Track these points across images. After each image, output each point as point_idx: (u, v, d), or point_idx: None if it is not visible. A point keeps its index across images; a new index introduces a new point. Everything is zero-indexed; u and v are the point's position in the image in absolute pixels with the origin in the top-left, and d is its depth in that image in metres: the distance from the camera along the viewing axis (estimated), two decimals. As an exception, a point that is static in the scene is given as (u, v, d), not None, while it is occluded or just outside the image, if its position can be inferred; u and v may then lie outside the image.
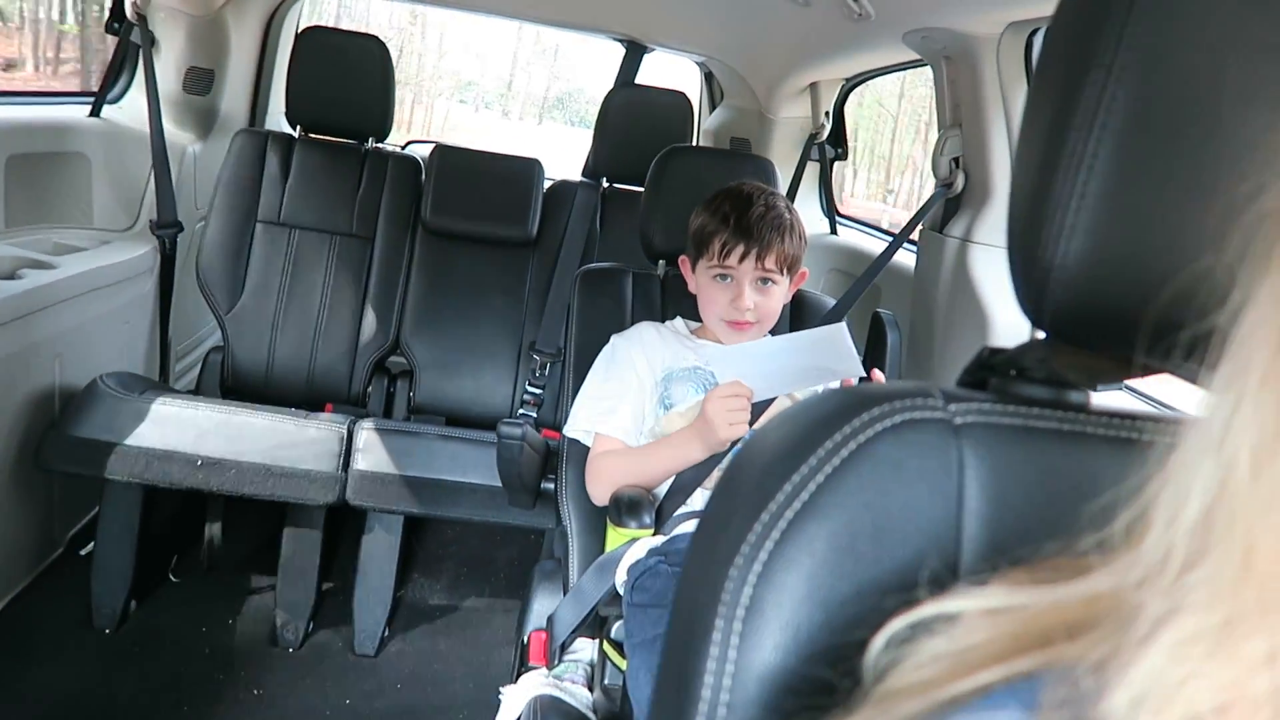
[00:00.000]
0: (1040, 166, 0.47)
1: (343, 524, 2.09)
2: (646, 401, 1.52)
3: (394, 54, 2.59)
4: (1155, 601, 0.30)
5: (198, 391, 2.41)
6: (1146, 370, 0.54)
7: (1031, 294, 0.49)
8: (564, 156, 2.73)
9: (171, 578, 2.16)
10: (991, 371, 0.56)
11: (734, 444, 1.37)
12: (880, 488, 0.46)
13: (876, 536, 0.46)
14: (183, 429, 1.90)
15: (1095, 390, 0.55)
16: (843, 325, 1.43)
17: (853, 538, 0.46)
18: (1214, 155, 0.44)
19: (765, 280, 1.48)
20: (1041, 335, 0.54)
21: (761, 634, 0.45)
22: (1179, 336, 0.38)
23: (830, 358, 1.33)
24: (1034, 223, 0.47)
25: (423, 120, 17.08)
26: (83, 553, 2.09)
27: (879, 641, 0.39)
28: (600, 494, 1.49)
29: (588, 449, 1.56)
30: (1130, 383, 1.42)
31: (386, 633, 2.08)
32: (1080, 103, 0.45)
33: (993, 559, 0.47)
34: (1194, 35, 0.43)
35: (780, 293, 1.50)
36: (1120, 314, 0.47)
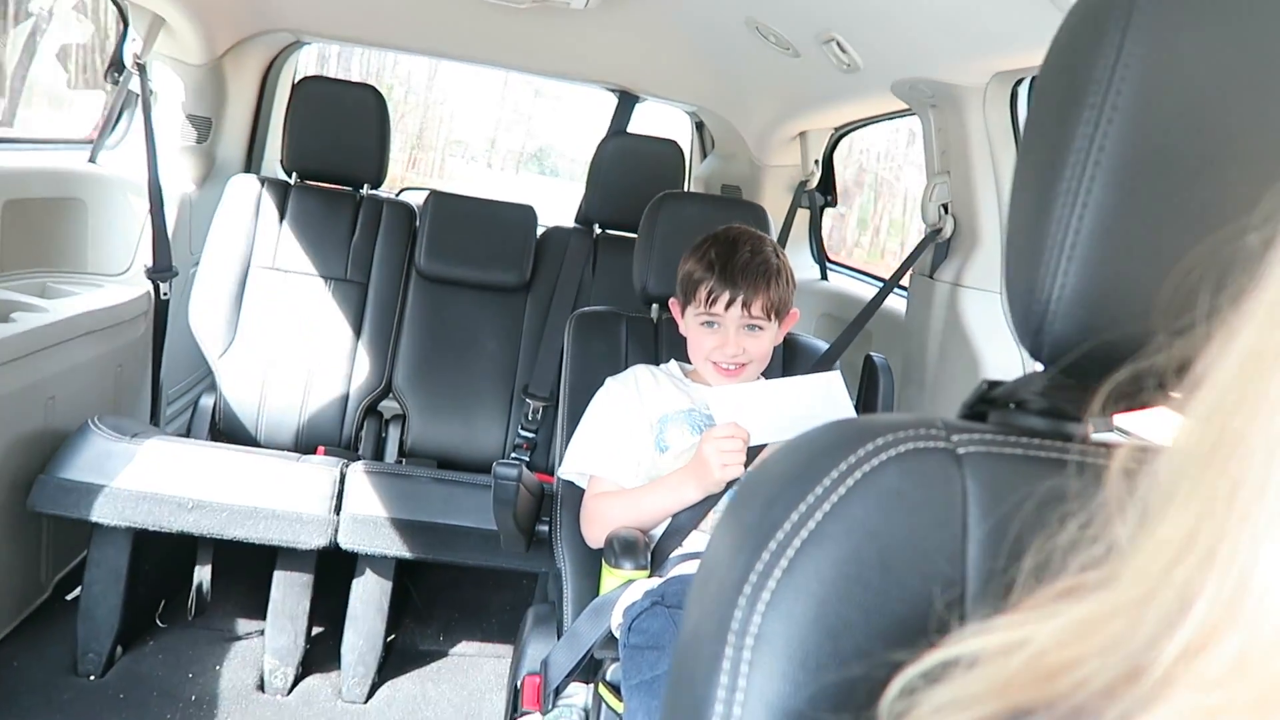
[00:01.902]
0: (1036, 203, 0.49)
1: (334, 568, 2.06)
2: (641, 444, 1.53)
3: (418, 116, 2.65)
4: (1169, 658, 0.29)
5: (189, 435, 2.40)
6: (1148, 403, 0.56)
7: (1030, 327, 0.50)
8: (537, 198, 2.80)
9: (159, 623, 2.13)
10: (991, 404, 0.57)
11: (729, 485, 1.37)
12: (885, 516, 0.47)
13: (883, 565, 0.47)
14: (173, 471, 1.89)
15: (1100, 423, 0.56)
16: (838, 374, 1.45)
17: (860, 566, 0.46)
18: (1205, 189, 0.45)
19: (752, 326, 1.50)
20: (1040, 368, 0.55)
21: (771, 663, 0.45)
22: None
23: (824, 405, 1.35)
24: (1031, 257, 0.49)
25: (425, 166, 21.04)
26: (69, 598, 2.06)
27: (893, 690, 0.39)
28: (595, 536, 1.49)
29: (582, 491, 1.56)
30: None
31: (376, 679, 2.05)
32: (1074, 141, 0.46)
33: (998, 586, 0.48)
34: (1183, 75, 0.45)
35: (769, 337, 1.52)
36: (1122, 345, 0.48)
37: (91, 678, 1.91)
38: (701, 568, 0.52)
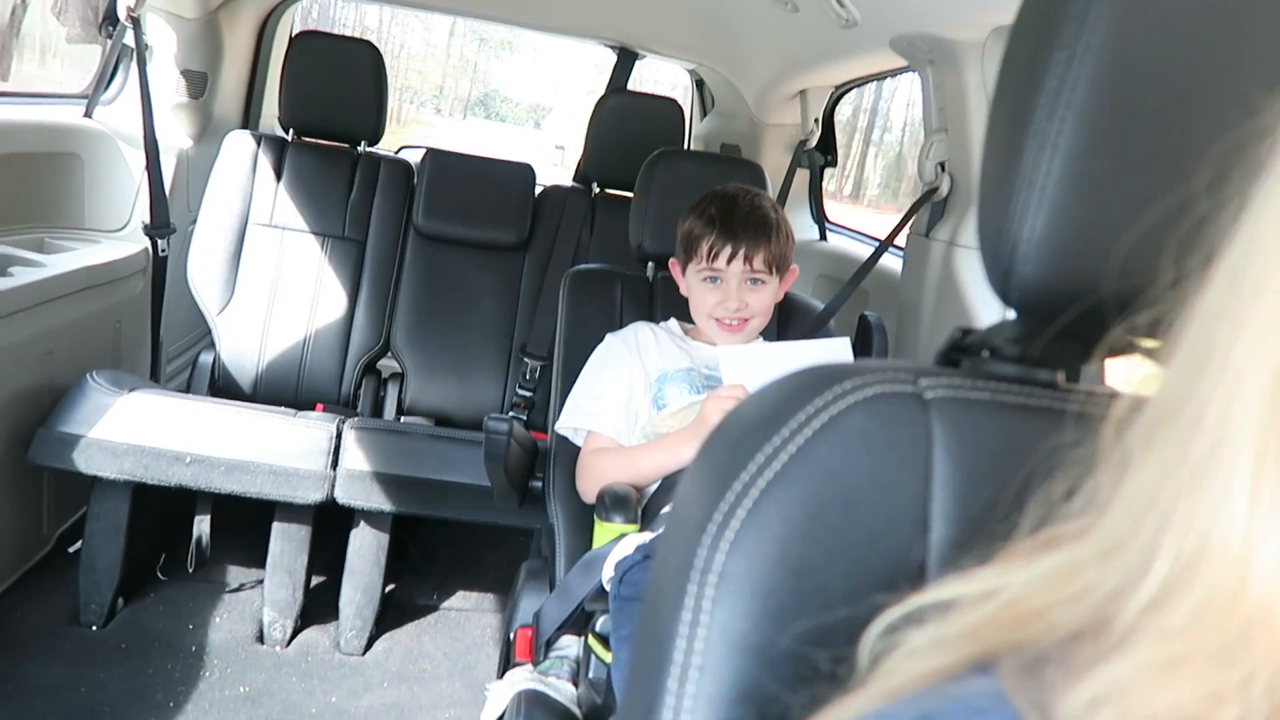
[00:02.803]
0: (1007, 146, 0.48)
1: (332, 522, 2.09)
2: (639, 401, 1.53)
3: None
4: (1133, 610, 0.30)
5: (188, 391, 2.42)
6: (1119, 350, 0.56)
7: (999, 270, 0.50)
8: (484, 143, 2.79)
9: (159, 575, 2.16)
10: (964, 351, 0.57)
11: None
12: (850, 458, 0.48)
13: (847, 506, 0.47)
14: (172, 426, 1.90)
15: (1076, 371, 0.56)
16: (847, 340, 1.45)
17: (823, 506, 0.47)
18: (1177, 134, 0.45)
19: (754, 280, 1.50)
20: (1012, 315, 0.55)
21: (733, 600, 0.46)
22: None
23: None
24: (1001, 200, 0.49)
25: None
26: (71, 550, 2.08)
27: (875, 629, 0.39)
28: (590, 491, 1.50)
29: (576, 447, 1.57)
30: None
31: (374, 631, 2.08)
32: (1045, 83, 0.46)
33: (963, 529, 0.48)
34: (1154, 18, 0.44)
35: (770, 291, 1.52)
36: (1086, 290, 0.48)
37: (93, 628, 1.94)
38: (671, 510, 0.53)
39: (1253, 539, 0.27)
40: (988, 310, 1.71)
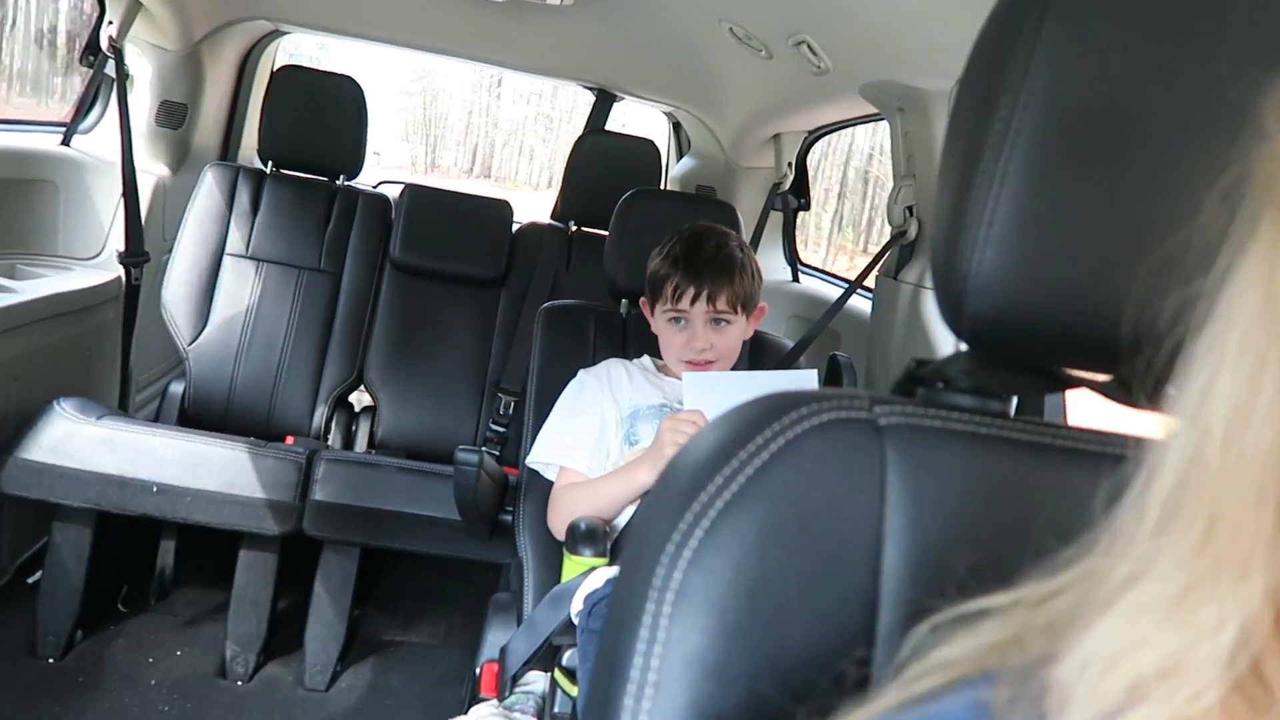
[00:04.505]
0: (958, 185, 0.51)
1: (298, 555, 2.07)
2: (612, 437, 1.54)
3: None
4: (1120, 567, 0.31)
5: (157, 421, 2.39)
6: (1065, 384, 0.58)
7: (951, 303, 0.52)
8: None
9: (120, 608, 2.12)
10: (919, 382, 0.59)
11: None
12: (805, 481, 0.49)
13: (802, 527, 0.48)
14: (139, 455, 1.89)
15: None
16: (814, 372, 1.47)
17: (779, 527, 0.48)
18: (1116, 173, 0.48)
19: (719, 320, 1.51)
20: (965, 347, 0.57)
21: (690, 618, 0.47)
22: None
23: None
24: (952, 236, 0.51)
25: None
26: (30, 580, 2.05)
27: (922, 628, 0.40)
28: (559, 527, 1.49)
29: (547, 482, 1.57)
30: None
31: (339, 667, 2.05)
32: (992, 124, 0.49)
33: (916, 550, 0.50)
34: (1094, 65, 0.47)
35: (737, 331, 1.54)
36: (1034, 323, 0.51)
37: (50, 660, 1.91)
38: (630, 531, 0.54)
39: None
40: (952, 348, 1.74)
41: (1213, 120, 0.45)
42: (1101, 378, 0.56)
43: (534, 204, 2.65)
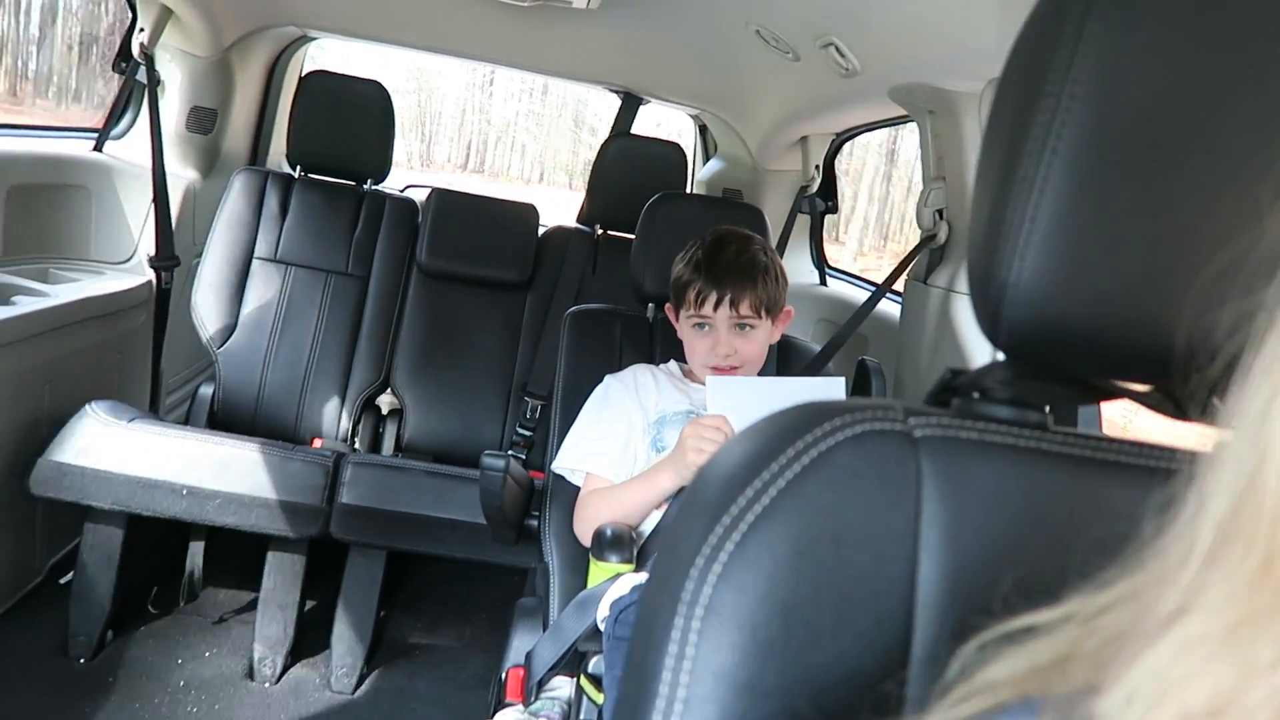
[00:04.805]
0: (996, 189, 0.49)
1: (326, 558, 2.08)
2: (638, 443, 1.53)
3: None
4: (1169, 596, 0.29)
5: (187, 423, 2.42)
6: (1106, 394, 0.56)
7: (989, 312, 0.51)
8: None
9: (150, 609, 2.14)
10: (954, 392, 0.57)
11: None
12: (838, 494, 0.48)
13: (835, 541, 0.47)
14: (169, 458, 1.90)
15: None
16: (842, 380, 1.45)
17: (812, 542, 0.47)
18: (1159, 179, 0.46)
19: (743, 325, 1.50)
20: (1002, 357, 0.56)
21: (720, 634, 0.46)
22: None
23: None
24: (990, 243, 0.49)
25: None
26: (62, 581, 2.07)
27: (970, 646, 0.39)
28: (585, 532, 1.48)
29: (573, 487, 1.57)
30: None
31: (364, 669, 2.06)
32: (1032, 129, 0.47)
33: (951, 567, 0.48)
34: (1139, 67, 0.46)
35: (762, 335, 1.52)
36: (1076, 333, 0.49)
37: (81, 661, 1.93)
38: (661, 543, 0.53)
39: None
40: (984, 355, 1.72)
41: (1269, 124, 0.43)
42: (1143, 388, 0.54)
43: (525, 197, 2.68)
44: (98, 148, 2.51)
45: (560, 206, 3.64)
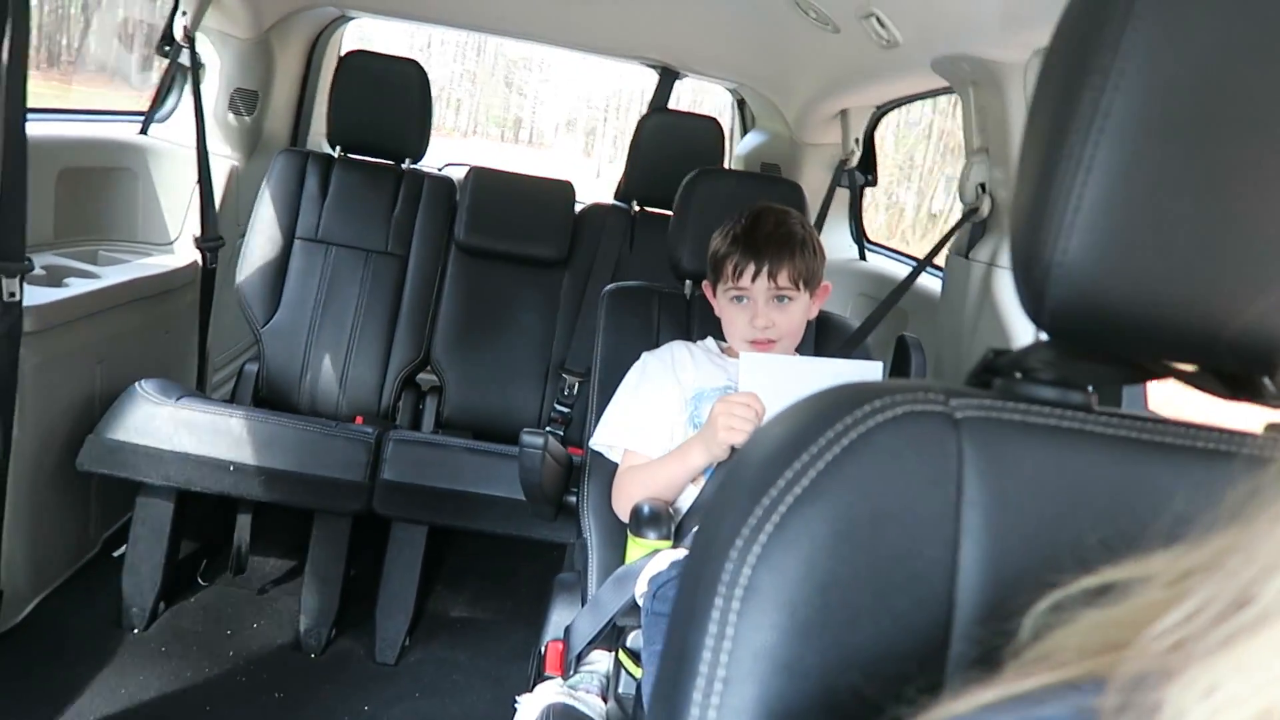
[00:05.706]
0: (1041, 167, 0.49)
1: (369, 533, 2.11)
2: (676, 420, 1.53)
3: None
4: (1255, 590, 0.28)
5: (233, 401, 2.47)
6: (1151, 374, 0.55)
7: (1032, 292, 0.50)
8: None
9: (200, 581, 2.20)
10: (996, 373, 0.57)
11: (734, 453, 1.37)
12: (879, 476, 0.48)
13: (875, 523, 0.47)
14: (216, 435, 1.95)
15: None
16: (880, 364, 1.44)
17: (851, 524, 0.47)
18: (1210, 157, 0.45)
19: (781, 297, 1.49)
20: (1044, 337, 0.55)
21: (759, 614, 0.46)
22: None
23: None
24: (1035, 222, 0.49)
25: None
26: (116, 554, 2.13)
27: (1042, 606, 0.37)
28: (623, 508, 1.49)
29: (610, 463, 1.57)
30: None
31: (407, 642, 2.10)
32: (1079, 106, 0.46)
33: (992, 550, 0.48)
34: (1190, 42, 0.44)
35: (799, 308, 1.51)
36: (1122, 313, 0.48)
37: (135, 631, 1.99)
38: (700, 524, 0.53)
39: None
40: (1027, 331, 1.69)
41: None
42: (1189, 368, 0.53)
43: (461, 147, 2.71)
44: (143, 131, 2.55)
45: (492, 156, 3.68)
